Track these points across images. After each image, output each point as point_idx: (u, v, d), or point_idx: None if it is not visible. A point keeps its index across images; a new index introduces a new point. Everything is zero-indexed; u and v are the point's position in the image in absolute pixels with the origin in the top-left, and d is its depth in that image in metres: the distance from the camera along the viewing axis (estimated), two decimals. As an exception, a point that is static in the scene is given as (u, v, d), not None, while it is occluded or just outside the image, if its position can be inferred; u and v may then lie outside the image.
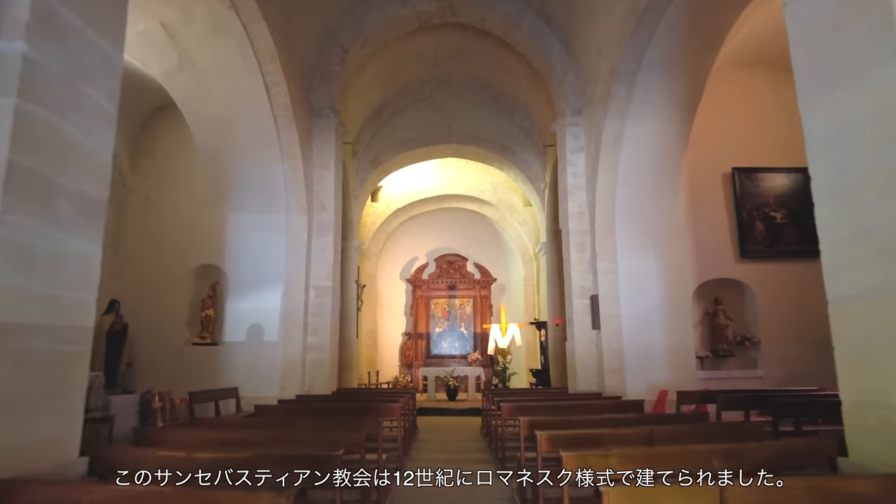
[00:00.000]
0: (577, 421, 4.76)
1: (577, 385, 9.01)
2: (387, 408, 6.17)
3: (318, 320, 9.17)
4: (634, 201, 9.15)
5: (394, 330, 18.84)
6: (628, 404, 6.58)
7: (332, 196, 9.67)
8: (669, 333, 8.78)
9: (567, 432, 3.97)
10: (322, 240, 9.46)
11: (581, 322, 9.21)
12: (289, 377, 8.66)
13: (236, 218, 9.26)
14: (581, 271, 9.39)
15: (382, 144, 14.58)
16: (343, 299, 13.56)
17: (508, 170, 15.19)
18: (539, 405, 6.46)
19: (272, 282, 8.99)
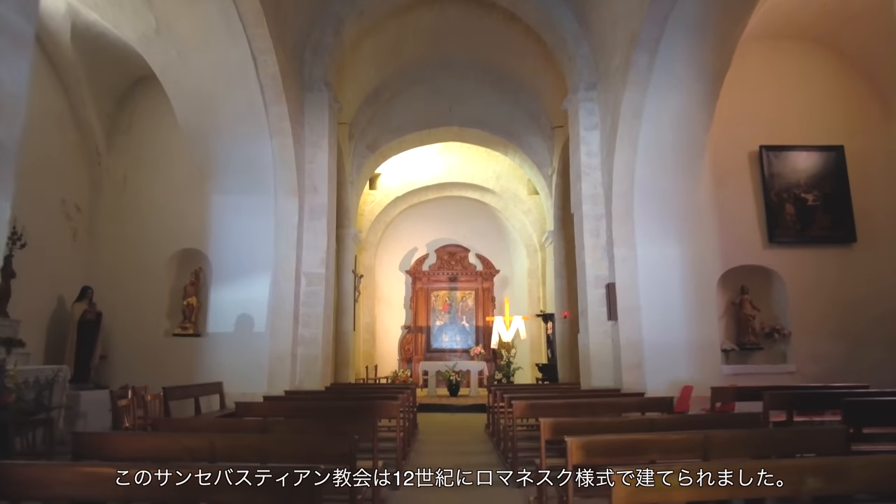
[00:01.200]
0: (608, 424, 4.04)
1: (592, 381, 8.29)
2: (384, 406, 5.46)
3: (310, 311, 8.44)
4: (655, 182, 8.42)
5: (393, 323, 18.12)
6: (654, 402, 5.87)
7: (326, 177, 8.93)
8: (693, 325, 8.07)
9: (602, 438, 3.25)
10: (314, 224, 8.73)
11: (596, 313, 8.48)
12: (278, 372, 7.95)
13: (221, 200, 8.52)
14: (596, 258, 8.66)
15: (380, 128, 13.83)
16: (339, 290, 12.85)
17: (513, 155, 14.44)
18: (554, 403, 5.74)
19: (260, 269, 8.26)
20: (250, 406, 5.57)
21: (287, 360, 7.98)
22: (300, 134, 8.84)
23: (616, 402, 5.79)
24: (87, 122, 8.52)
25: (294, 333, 8.19)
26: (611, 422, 4.06)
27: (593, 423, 4.04)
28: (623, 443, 3.23)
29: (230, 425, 4.01)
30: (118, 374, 7.92)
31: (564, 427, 4.00)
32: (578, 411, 5.72)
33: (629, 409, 5.80)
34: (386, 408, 5.44)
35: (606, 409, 5.75)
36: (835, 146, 8.69)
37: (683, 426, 3.94)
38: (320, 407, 5.51)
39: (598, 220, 8.81)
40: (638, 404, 5.83)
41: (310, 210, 8.75)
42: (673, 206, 8.43)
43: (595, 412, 5.72)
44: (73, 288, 7.92)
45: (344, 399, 6.32)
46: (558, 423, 4.01)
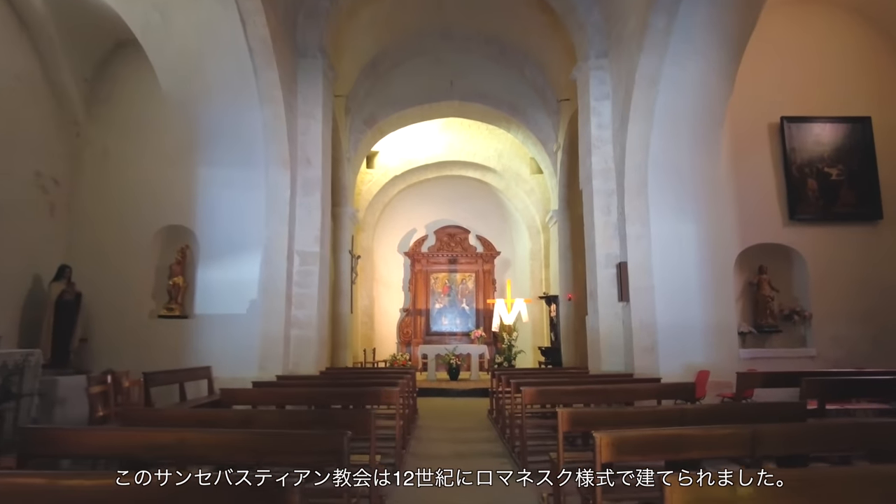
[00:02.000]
0: (636, 415, 3.59)
1: (601, 365, 7.87)
2: (382, 393, 5.01)
3: (304, 291, 7.98)
4: (670, 155, 7.92)
5: (391, 306, 17.70)
6: (674, 389, 5.44)
7: (320, 149, 8.39)
8: (708, 307, 7.63)
9: (636, 434, 2.80)
10: (308, 199, 8.22)
11: (606, 294, 8.03)
12: (270, 355, 7.50)
13: (208, 173, 7.99)
14: (606, 237, 8.19)
15: (378, 102, 13.24)
16: (335, 271, 12.39)
17: (517, 131, 13.87)
18: (566, 390, 5.30)
19: (250, 246, 7.77)
20: (236, 393, 5.13)
21: (279, 343, 7.53)
22: (293, 103, 8.28)
23: (632, 389, 5.36)
24: (64, 89, 7.95)
25: (287, 315, 7.73)
26: (639, 412, 3.62)
27: (620, 414, 3.60)
28: (660, 439, 2.78)
29: (209, 417, 3.56)
30: (100, 359, 7.47)
31: (585, 418, 3.56)
32: (593, 398, 5.30)
33: (646, 395, 5.38)
34: (385, 395, 4.99)
35: (623, 396, 5.32)
36: (861, 118, 8.17)
37: (720, 418, 3.50)
38: (313, 394, 5.06)
39: (609, 196, 8.32)
40: (656, 391, 5.40)
41: (303, 184, 8.24)
42: (689, 180, 7.94)
43: (611, 399, 5.30)
44: (51, 267, 7.43)
45: (339, 385, 5.87)
46: (578, 413, 3.57)
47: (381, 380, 6.49)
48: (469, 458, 6.05)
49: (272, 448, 2.77)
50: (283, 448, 2.77)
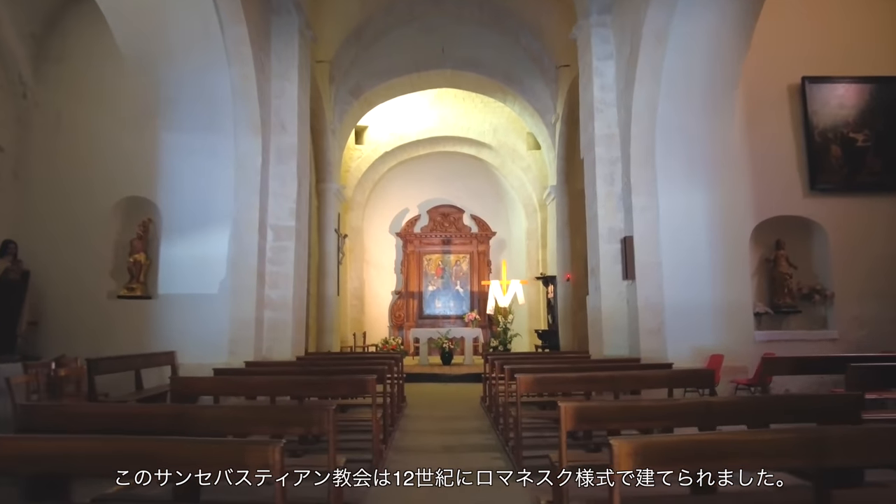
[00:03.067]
0: (654, 409, 2.92)
1: (604, 349, 7.23)
2: (358, 382, 4.34)
3: (278, 269, 7.29)
4: (680, 119, 7.21)
5: (382, 288, 17.03)
6: (690, 376, 4.81)
7: (296, 114, 7.64)
8: (721, 285, 6.98)
9: (663, 440, 2.14)
10: (282, 168, 7.49)
11: (609, 272, 7.37)
12: (240, 339, 6.83)
13: (172, 139, 7.24)
14: (609, 209, 7.50)
15: (365, 71, 12.42)
16: (320, 250, 11.70)
17: (513, 102, 13.10)
18: (567, 377, 4.64)
19: (218, 220, 7.06)
20: (189, 383, 4.46)
21: (250, 326, 6.85)
22: (265, 63, 7.51)
23: (641, 376, 4.71)
24: (7, 46, 7.15)
25: (259, 295, 7.05)
26: (656, 407, 2.95)
27: (632, 408, 2.94)
28: (694, 445, 2.12)
29: (127, 415, 2.87)
30: (53, 344, 6.79)
31: (592, 414, 2.90)
32: (597, 386, 4.65)
33: (657, 383, 4.73)
34: (361, 384, 4.32)
35: (630, 384, 4.68)
36: (890, 77, 7.45)
37: (757, 414, 2.84)
38: (278, 383, 4.40)
39: (612, 164, 7.62)
40: (668, 378, 4.76)
41: (277, 152, 7.50)
42: (700, 147, 7.24)
43: (618, 388, 4.65)
44: (-5, 242, 6.71)
45: (312, 373, 5.20)
46: (584, 408, 2.90)
47: (362, 367, 5.83)
48: (458, 453, 5.42)
49: (191, 458, 2.10)
50: (205, 459, 2.10)
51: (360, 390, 4.35)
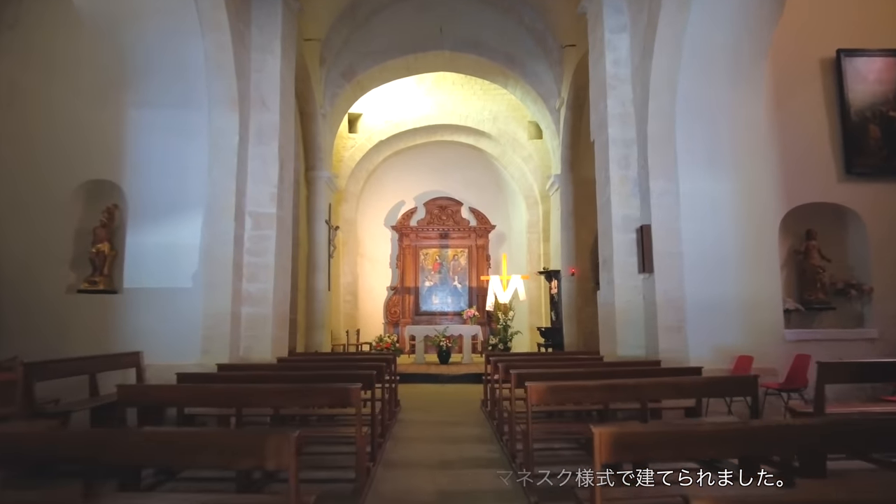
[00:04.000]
0: (716, 434, 2.23)
1: (617, 348, 6.56)
2: (338, 392, 3.65)
3: (258, 260, 6.58)
4: (702, 95, 6.53)
5: (378, 283, 16.34)
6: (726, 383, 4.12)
7: (278, 89, 6.92)
8: (748, 278, 6.32)
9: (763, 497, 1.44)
10: (263, 149, 6.78)
11: (623, 264, 6.69)
12: (214, 338, 6.14)
13: (140, 115, 6.52)
14: (623, 195, 6.82)
15: (358, 52, 11.70)
16: (310, 243, 11.00)
17: (514, 86, 12.38)
18: (585, 386, 3.95)
19: (191, 205, 6.35)
20: (142, 392, 3.78)
21: (226, 322, 6.15)
22: (244, 34, 6.78)
23: (674, 384, 4.02)
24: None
25: (236, 289, 6.35)
26: (722, 431, 2.26)
27: (688, 434, 2.24)
28: None
29: (25, 439, 2.17)
30: (4, 344, 6.07)
31: (635, 442, 2.21)
32: (619, 395, 3.97)
33: (692, 391, 4.05)
34: (342, 394, 3.63)
35: (660, 392, 4.00)
36: (933, 51, 6.77)
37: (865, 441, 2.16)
38: (247, 394, 3.69)
39: (627, 146, 6.93)
40: (704, 386, 4.07)
41: (257, 131, 6.78)
42: (724, 126, 6.56)
43: (643, 396, 3.96)
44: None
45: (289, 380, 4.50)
46: (625, 436, 2.22)
47: (348, 371, 5.13)
48: (458, 469, 4.75)
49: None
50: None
51: (341, 401, 3.65)
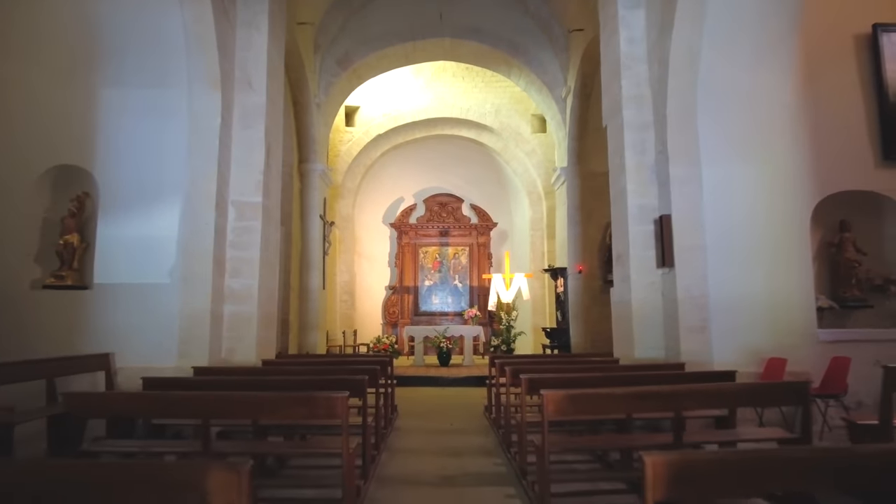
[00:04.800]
0: (801, 461, 1.68)
1: (634, 350, 6.00)
2: (321, 403, 3.10)
3: (242, 254, 6.04)
4: (726, 73, 6.00)
5: (376, 282, 15.78)
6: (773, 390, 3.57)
7: (265, 68, 6.38)
8: (777, 273, 5.79)
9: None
10: (248, 133, 6.23)
11: (640, 258, 6.15)
12: (193, 339, 5.59)
13: (113, 96, 5.98)
14: (640, 183, 6.28)
15: (354, 39, 11.17)
16: (303, 239, 10.45)
17: (518, 75, 11.85)
18: (610, 394, 3.39)
19: (168, 193, 5.81)
20: (92, 401, 3.21)
21: (205, 322, 5.60)
22: (227, 8, 6.23)
23: (714, 391, 3.46)
24: None
25: (217, 285, 5.79)
26: (806, 457, 1.71)
27: (764, 458, 1.70)
28: None
29: None
30: (-38, 344, 5.52)
31: (703, 473, 1.66)
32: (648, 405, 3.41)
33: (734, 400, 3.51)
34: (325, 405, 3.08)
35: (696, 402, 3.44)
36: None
37: None
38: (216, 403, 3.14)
39: (643, 130, 6.38)
40: (749, 394, 3.52)
41: (242, 113, 6.24)
42: (750, 107, 6.03)
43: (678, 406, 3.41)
44: None
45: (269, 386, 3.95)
46: (684, 464, 1.67)
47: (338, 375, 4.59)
48: (461, 487, 4.21)
49: None
50: None
51: (326, 412, 3.10)
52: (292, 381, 4.04)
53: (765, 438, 3.50)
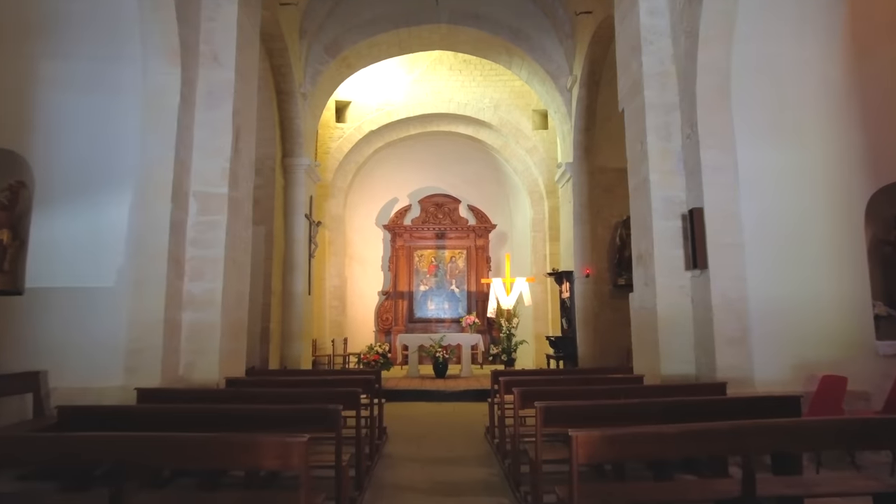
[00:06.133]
0: None
1: (661, 364, 5.17)
2: (267, 451, 2.24)
3: (204, 253, 5.19)
4: (764, 47, 5.25)
5: (367, 288, 14.94)
6: (870, 429, 2.73)
7: (234, 42, 5.55)
8: (827, 275, 5.01)
9: None
10: (213, 114, 5.39)
11: (666, 258, 5.33)
12: (143, 352, 4.72)
13: (52, 69, 5.14)
14: (665, 172, 5.46)
15: (344, 24, 10.37)
16: (287, 240, 9.61)
17: (519, 65, 11.06)
18: (660, 434, 2.55)
19: (117, 182, 4.97)
20: None
21: (158, 332, 4.74)
22: (191, -29, 5.40)
23: (799, 429, 2.62)
24: None
25: (174, 288, 4.94)
26: None
27: None
28: None
29: None
30: None
31: None
32: (712, 448, 2.57)
33: (826, 440, 2.67)
34: (276, 454, 2.23)
35: (782, 442, 2.60)
36: None
37: None
38: (132, 445, 2.29)
39: (667, 112, 5.58)
40: (835, 431, 2.68)
41: (207, 92, 5.41)
42: (793, 85, 5.27)
43: (744, 447, 2.57)
44: None
45: (221, 421, 3.10)
46: None
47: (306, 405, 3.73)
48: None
49: None
50: None
51: (277, 462, 2.25)
52: (251, 412, 3.19)
53: (858, 493, 2.67)
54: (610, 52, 9.02)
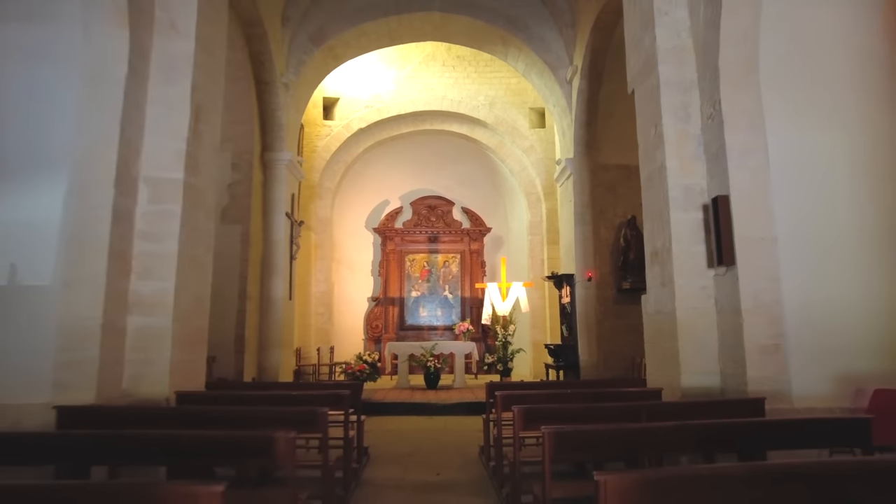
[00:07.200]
0: None
1: (681, 375, 4.48)
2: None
3: (154, 247, 4.48)
4: (796, 15, 4.61)
5: (356, 293, 14.22)
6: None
7: (195, 7, 4.87)
8: (875, 274, 4.34)
9: None
10: (168, 90, 4.70)
11: (685, 255, 4.66)
12: (76, 363, 4.00)
13: (-18, 35, 4.45)
14: (684, 158, 4.81)
15: (329, 11, 9.74)
16: (266, 240, 8.90)
17: (516, 57, 10.45)
18: (718, 473, 1.85)
19: (50, 164, 4.26)
20: None
21: (95, 338, 4.01)
22: (146, -72, 4.73)
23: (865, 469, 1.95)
24: None
25: (116, 288, 4.22)
26: None
27: None
28: None
29: None
30: None
31: None
32: (808, 497, 1.88)
33: None
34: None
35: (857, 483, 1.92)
36: None
37: None
38: None
39: (685, 91, 4.93)
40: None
41: (161, 63, 4.72)
42: (829, 58, 4.64)
43: (822, 492, 1.88)
44: None
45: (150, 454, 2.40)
46: None
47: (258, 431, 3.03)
48: None
49: None
50: None
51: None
52: (190, 441, 2.47)
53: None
54: (612, 42, 8.44)
